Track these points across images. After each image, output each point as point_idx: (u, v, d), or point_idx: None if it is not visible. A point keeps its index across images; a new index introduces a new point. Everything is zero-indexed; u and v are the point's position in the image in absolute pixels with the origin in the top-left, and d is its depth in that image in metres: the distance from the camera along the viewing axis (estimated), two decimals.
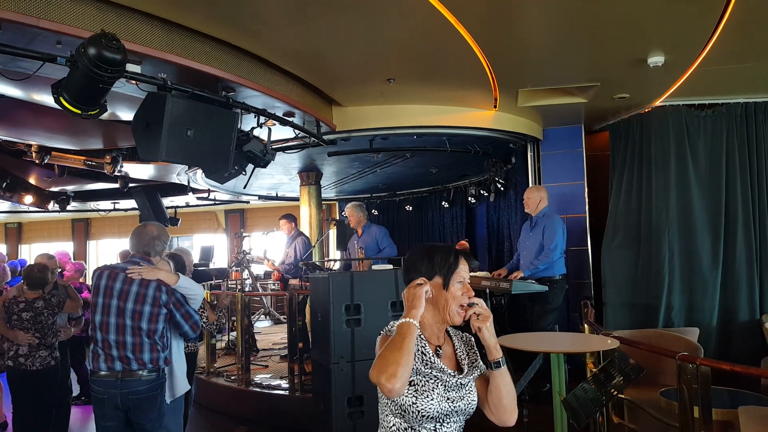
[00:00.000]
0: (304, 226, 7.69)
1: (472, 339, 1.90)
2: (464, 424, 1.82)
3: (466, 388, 1.78)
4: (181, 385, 3.38)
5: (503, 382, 1.77)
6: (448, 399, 1.72)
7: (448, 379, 1.74)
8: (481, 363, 1.84)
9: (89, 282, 7.33)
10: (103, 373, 3.04)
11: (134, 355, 3.03)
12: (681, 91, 5.36)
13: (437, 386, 1.72)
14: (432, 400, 1.70)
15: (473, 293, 1.80)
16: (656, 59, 4.35)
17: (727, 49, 4.24)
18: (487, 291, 5.02)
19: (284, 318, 8.82)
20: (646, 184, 5.73)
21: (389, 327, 1.84)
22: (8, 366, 4.21)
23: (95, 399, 3.10)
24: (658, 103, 5.71)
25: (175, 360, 3.34)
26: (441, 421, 1.72)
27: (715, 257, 5.48)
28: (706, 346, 4.91)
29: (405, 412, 1.70)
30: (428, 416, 1.69)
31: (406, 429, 1.73)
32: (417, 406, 1.69)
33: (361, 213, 6.58)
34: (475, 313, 1.72)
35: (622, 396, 3.54)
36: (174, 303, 3.14)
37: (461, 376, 1.77)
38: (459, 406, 1.74)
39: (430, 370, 1.72)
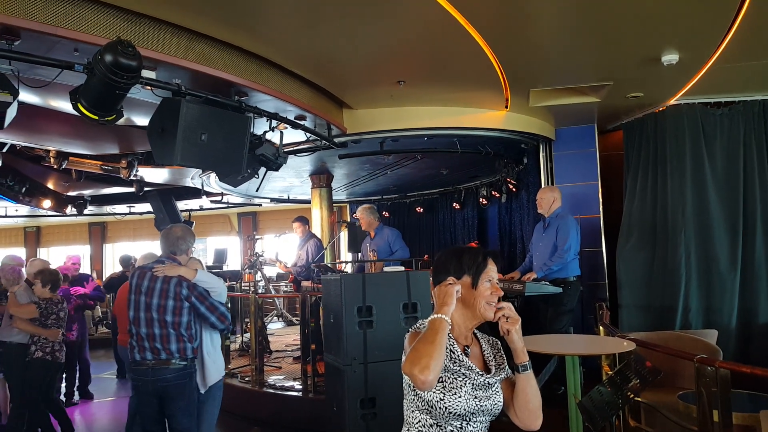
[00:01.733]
0: (316, 229, 7.72)
1: (499, 342, 1.92)
2: (489, 425, 1.83)
3: (493, 389, 1.80)
4: (213, 376, 3.60)
5: (529, 385, 1.79)
6: (475, 397, 1.74)
7: (475, 378, 1.76)
8: (507, 367, 1.86)
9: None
10: (138, 362, 3.38)
11: (162, 345, 3.34)
12: (696, 89, 5.29)
13: (465, 384, 1.74)
14: (459, 397, 1.72)
15: (502, 293, 1.84)
16: (670, 57, 4.31)
17: (743, 45, 4.18)
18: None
19: (297, 320, 8.86)
20: (661, 184, 5.66)
21: (418, 324, 1.86)
22: (46, 360, 4.78)
23: (134, 387, 3.51)
24: (672, 101, 5.65)
25: (207, 352, 3.57)
26: (468, 419, 1.74)
27: (734, 258, 5.40)
28: (725, 348, 4.84)
29: (432, 408, 1.72)
30: (455, 413, 1.71)
31: (432, 426, 1.74)
32: (444, 403, 1.71)
33: (372, 216, 6.59)
34: (504, 315, 1.75)
35: (639, 399, 3.51)
36: (196, 296, 3.41)
37: (489, 376, 1.79)
38: (485, 405, 1.76)
39: (458, 368, 1.75)
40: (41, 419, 4.96)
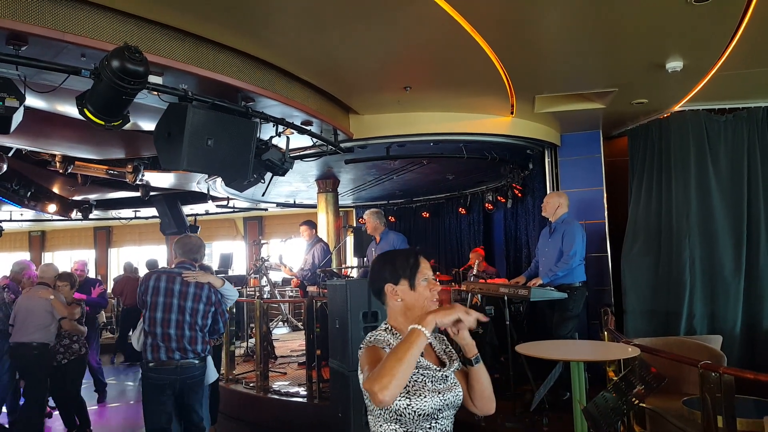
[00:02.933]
0: (322, 233, 7.73)
1: (444, 337, 1.97)
2: (454, 420, 1.87)
3: (450, 380, 1.84)
4: (212, 372, 4.03)
5: (483, 375, 1.84)
6: (438, 393, 1.77)
7: (433, 374, 1.80)
8: (458, 358, 1.90)
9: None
10: (164, 362, 3.54)
11: (191, 346, 3.60)
12: (700, 96, 5.29)
13: (426, 383, 1.77)
14: (425, 397, 1.74)
15: (440, 287, 1.91)
16: (675, 64, 4.31)
17: (748, 52, 4.18)
18: (506, 298, 4.99)
19: (302, 325, 8.86)
20: (666, 190, 5.65)
21: (370, 338, 1.86)
22: (80, 354, 5.42)
23: (152, 386, 3.59)
24: (677, 108, 5.65)
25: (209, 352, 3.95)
26: (435, 417, 1.76)
27: (738, 263, 5.38)
28: (730, 354, 4.81)
29: (401, 416, 1.73)
30: (423, 414, 1.73)
31: None
32: (412, 407, 1.72)
33: (378, 220, 6.59)
34: (458, 326, 1.74)
35: (644, 405, 3.49)
36: (216, 302, 3.76)
37: (444, 369, 1.84)
38: (449, 398, 1.79)
39: (416, 370, 1.76)
40: (79, 412, 5.43)
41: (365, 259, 6.76)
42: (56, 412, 5.75)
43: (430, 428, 1.75)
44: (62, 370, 5.27)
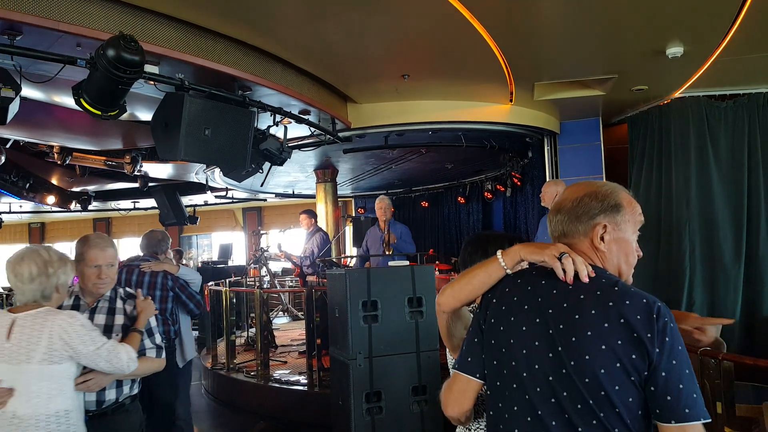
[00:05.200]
0: (321, 223, 7.72)
1: None
2: None
3: None
4: (189, 352, 4.17)
5: None
6: None
7: None
8: None
9: None
10: None
11: None
12: (701, 82, 5.26)
13: None
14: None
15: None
16: (675, 50, 4.28)
17: (748, 37, 4.15)
18: None
19: (302, 314, 8.88)
20: (666, 177, 5.64)
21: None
22: None
23: None
24: (677, 94, 5.62)
25: (184, 332, 4.10)
26: None
27: (738, 251, 5.38)
28: (729, 341, 4.83)
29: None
30: None
31: None
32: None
33: (392, 208, 6.48)
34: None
35: None
36: (179, 287, 3.90)
37: None
38: None
39: None
40: None
41: (365, 246, 6.67)
42: None
43: None
44: None
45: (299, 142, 5.83)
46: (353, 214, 11.94)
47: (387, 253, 5.91)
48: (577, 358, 1.28)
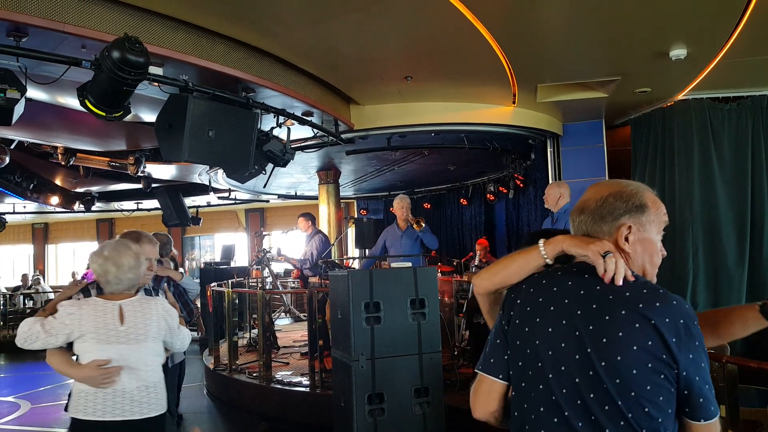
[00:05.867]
0: (323, 225, 7.72)
1: None
2: None
3: None
4: (177, 354, 4.22)
5: None
6: None
7: None
8: None
9: None
10: None
11: None
12: (704, 84, 5.25)
13: None
14: None
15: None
16: (678, 52, 4.28)
17: (752, 40, 4.15)
18: None
19: (304, 316, 8.88)
20: (669, 180, 5.63)
21: None
22: None
23: None
24: (680, 96, 5.61)
25: None
26: None
27: (741, 253, 5.37)
28: (733, 343, 4.79)
29: None
30: None
31: None
32: None
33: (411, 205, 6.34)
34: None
35: None
36: (177, 294, 3.87)
37: None
38: None
39: None
40: None
41: (385, 247, 6.43)
42: None
43: None
44: None
45: (302, 144, 5.84)
46: (355, 216, 11.95)
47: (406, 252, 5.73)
48: (608, 358, 1.28)
